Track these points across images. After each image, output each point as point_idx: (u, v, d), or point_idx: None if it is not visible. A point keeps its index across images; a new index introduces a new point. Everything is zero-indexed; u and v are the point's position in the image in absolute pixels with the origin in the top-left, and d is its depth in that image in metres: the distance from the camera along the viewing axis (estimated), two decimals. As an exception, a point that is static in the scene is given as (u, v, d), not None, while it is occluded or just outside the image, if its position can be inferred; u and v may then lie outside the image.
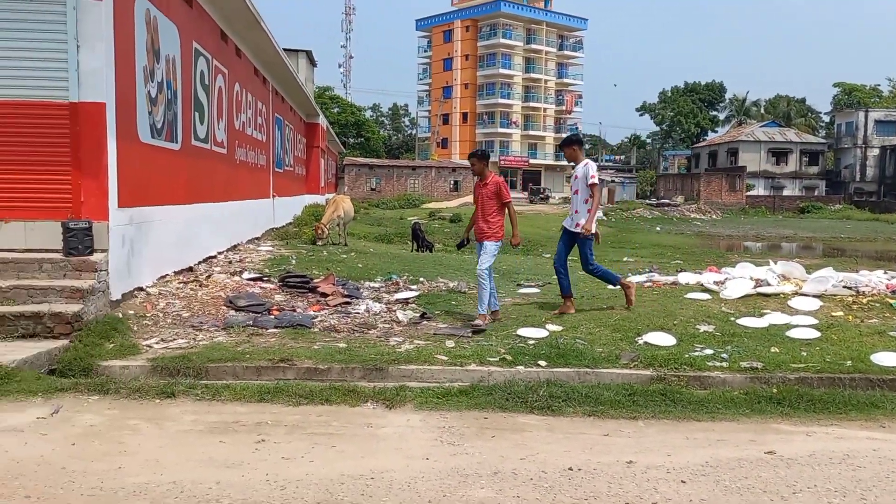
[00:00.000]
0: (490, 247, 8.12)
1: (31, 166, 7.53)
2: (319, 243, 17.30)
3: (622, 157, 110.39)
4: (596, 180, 8.38)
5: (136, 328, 7.45)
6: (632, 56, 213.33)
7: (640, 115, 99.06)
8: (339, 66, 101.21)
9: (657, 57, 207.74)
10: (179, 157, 10.64)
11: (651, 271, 12.76)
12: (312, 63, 38.54)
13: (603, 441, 4.90)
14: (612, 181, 72.57)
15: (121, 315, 7.61)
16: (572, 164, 8.61)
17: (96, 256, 7.48)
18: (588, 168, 8.39)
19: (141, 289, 8.75)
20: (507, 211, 8.23)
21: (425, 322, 8.17)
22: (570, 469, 4.34)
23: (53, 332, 6.69)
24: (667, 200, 66.65)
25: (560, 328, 7.76)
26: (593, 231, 8.32)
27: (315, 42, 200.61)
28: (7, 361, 5.77)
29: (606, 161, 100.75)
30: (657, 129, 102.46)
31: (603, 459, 4.53)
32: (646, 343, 7.20)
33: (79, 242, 7.38)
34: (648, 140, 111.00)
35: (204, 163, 12.28)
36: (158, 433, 4.78)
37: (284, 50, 19.13)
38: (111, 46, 7.65)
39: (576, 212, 8.51)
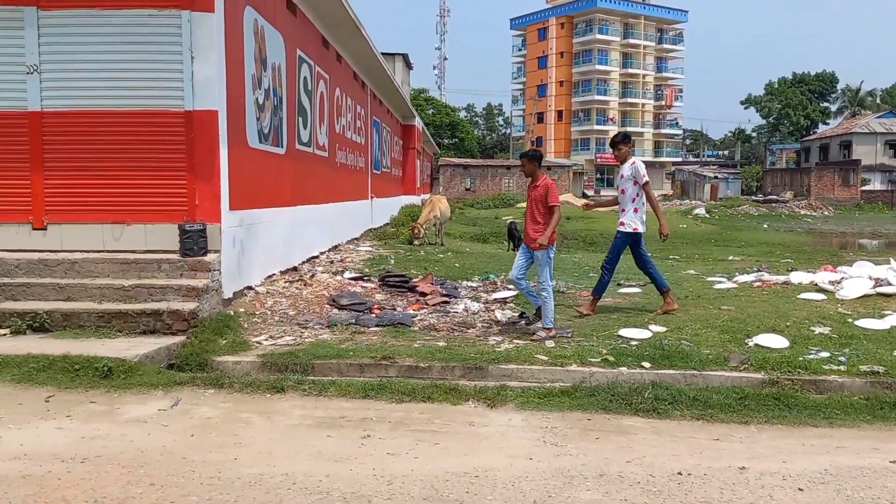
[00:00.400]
0: (541, 256, 7.62)
1: (151, 172, 7.98)
2: (416, 243, 17.53)
3: (725, 152, 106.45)
4: (647, 178, 8.40)
5: (246, 325, 7.76)
6: (735, 47, 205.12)
7: (745, 108, 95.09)
8: (434, 67, 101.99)
9: (763, 47, 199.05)
10: (285, 161, 11.03)
11: (760, 270, 12.24)
12: (409, 66, 39.09)
13: (713, 445, 4.74)
14: (715, 177, 69.95)
15: (232, 313, 7.95)
16: (621, 162, 8.55)
17: (210, 257, 7.85)
18: (636, 167, 8.35)
19: (250, 288, 9.12)
20: (551, 215, 7.63)
21: (523, 322, 8.14)
22: (680, 473, 4.22)
23: (171, 328, 7.07)
24: (774, 196, 63.69)
25: (664, 329, 7.56)
26: (665, 232, 8.57)
27: (410, 45, 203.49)
28: (131, 356, 6.14)
29: (709, 156, 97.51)
30: (763, 122, 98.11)
31: (714, 464, 4.38)
32: (756, 345, 6.92)
33: (194, 244, 7.77)
34: (754, 134, 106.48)
35: (307, 166, 12.68)
36: (270, 426, 4.96)
37: (382, 54, 19.49)
38: (222, 56, 8.02)
39: (622, 210, 8.40)
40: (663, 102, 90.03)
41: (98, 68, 7.88)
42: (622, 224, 8.40)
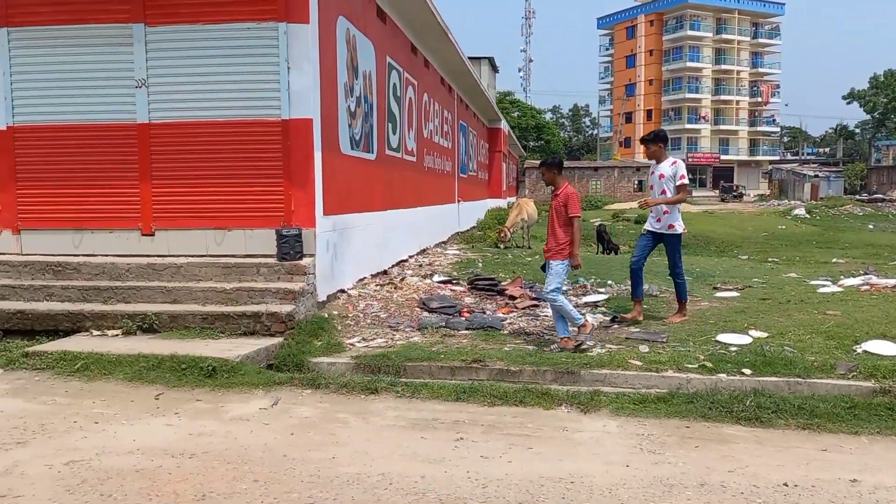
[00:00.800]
0: (555, 266, 7.22)
1: (250, 179, 8.29)
2: (502, 246, 17.51)
3: (826, 149, 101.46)
4: (686, 180, 8.02)
5: (339, 328, 7.95)
6: (837, 39, 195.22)
7: (848, 103, 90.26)
8: (519, 70, 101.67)
9: (867, 38, 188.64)
10: (375, 167, 11.24)
11: (867, 273, 11.60)
12: (494, 69, 39.15)
13: (821, 456, 4.52)
14: (816, 176, 66.76)
15: (326, 315, 8.15)
16: (654, 161, 8.19)
17: (305, 261, 8.08)
18: (678, 167, 7.97)
19: (343, 291, 9.33)
20: (572, 227, 7.22)
21: (616, 326, 8.00)
22: (786, 485, 4.05)
23: (270, 330, 7.31)
24: (880, 195, 60.24)
25: (765, 335, 7.27)
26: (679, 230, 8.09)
27: (496, 48, 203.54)
28: (233, 357, 6.39)
29: (808, 154, 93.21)
30: (868, 117, 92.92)
31: (822, 476, 4.18)
32: (865, 352, 6.57)
33: (290, 248, 8.01)
34: (857, 130, 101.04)
35: (396, 171, 12.88)
36: (365, 427, 5.06)
37: (468, 58, 19.59)
38: (317, 66, 8.25)
39: (666, 212, 8.00)
40: (759, 99, 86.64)
41: (200, 81, 8.25)
42: (672, 227, 8.03)
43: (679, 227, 8.09)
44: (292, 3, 7.98)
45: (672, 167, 8.01)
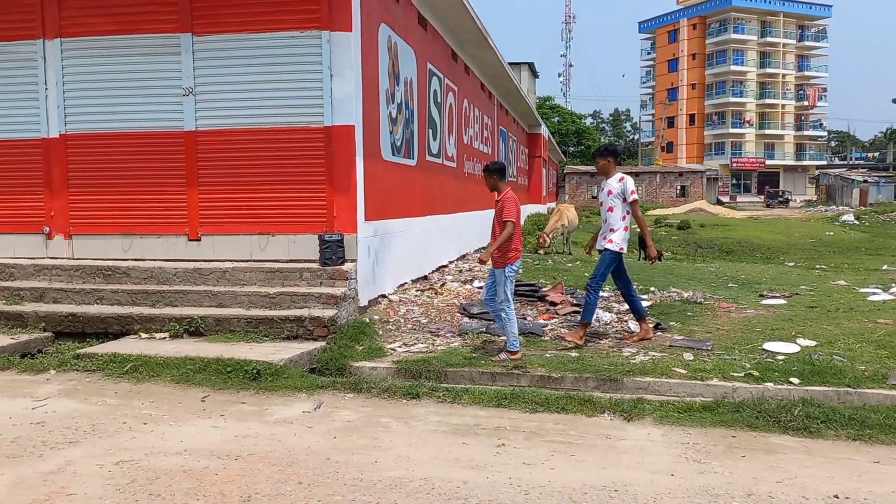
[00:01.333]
0: (500, 274, 6.98)
1: (293, 185, 8.40)
2: (541, 252, 17.42)
3: (876, 154, 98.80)
4: (636, 196, 7.51)
5: (380, 332, 8.00)
6: (887, 41, 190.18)
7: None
8: (559, 75, 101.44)
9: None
10: (415, 173, 11.30)
11: (921, 281, 11.26)
12: (534, 74, 39.04)
13: (873, 468, 4.40)
14: (865, 181, 65.07)
15: (367, 320, 8.21)
16: (603, 176, 7.71)
17: (347, 266, 8.16)
18: (626, 183, 7.48)
19: (384, 296, 9.39)
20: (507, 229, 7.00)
21: (659, 333, 7.90)
22: (836, 497, 3.95)
23: (313, 334, 7.40)
24: (934, 201, 58.43)
25: (813, 343, 7.11)
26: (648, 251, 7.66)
27: (535, 52, 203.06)
28: (277, 360, 6.48)
29: (857, 159, 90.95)
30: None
31: (874, 489, 4.07)
32: (920, 362, 6.38)
33: (332, 253, 8.10)
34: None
35: (436, 177, 12.92)
36: (407, 431, 5.08)
37: (508, 64, 19.58)
38: (359, 73, 8.33)
39: (612, 230, 7.48)
40: (805, 103, 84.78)
41: (245, 88, 8.40)
42: (611, 242, 7.44)
43: (615, 246, 7.45)
44: (336, 11, 8.08)
45: (620, 183, 7.51)
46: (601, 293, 10.48)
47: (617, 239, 7.47)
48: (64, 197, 8.89)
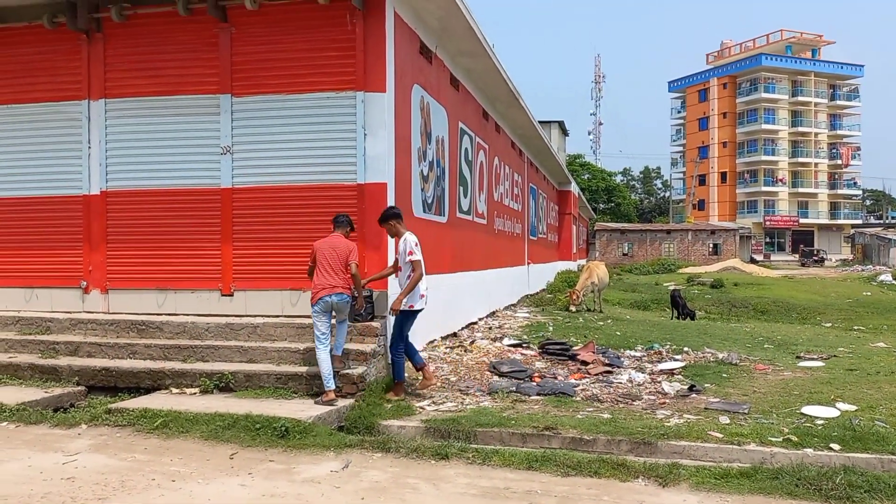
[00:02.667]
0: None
1: (325, 242, 8.48)
2: (573, 309, 17.29)
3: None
4: (415, 255, 7.59)
5: (409, 390, 7.93)
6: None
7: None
8: (589, 133, 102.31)
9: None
10: (446, 229, 11.36)
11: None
12: (564, 133, 39.41)
13: (923, 545, 4.20)
14: (902, 240, 63.83)
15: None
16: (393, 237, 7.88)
17: (376, 322, 8.16)
18: (405, 244, 7.61)
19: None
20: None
21: (694, 395, 7.72)
22: (885, 575, 3.77)
23: (342, 391, 7.36)
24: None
25: (853, 408, 6.90)
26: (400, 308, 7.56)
27: (565, 110, 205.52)
28: (305, 418, 6.45)
29: (893, 218, 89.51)
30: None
31: (926, 567, 3.87)
32: (968, 430, 6.13)
33: (363, 310, 8.10)
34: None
35: (467, 234, 12.98)
36: (436, 493, 4.99)
37: (538, 122, 19.82)
38: (392, 133, 8.49)
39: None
40: (839, 162, 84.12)
41: (281, 147, 8.60)
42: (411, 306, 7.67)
43: (405, 304, 7.60)
44: (370, 73, 8.29)
45: (402, 244, 7.67)
46: (634, 352, 10.36)
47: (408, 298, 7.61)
48: (102, 252, 9.08)
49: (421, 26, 9.68)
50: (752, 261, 64.00)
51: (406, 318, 7.73)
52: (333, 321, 7.55)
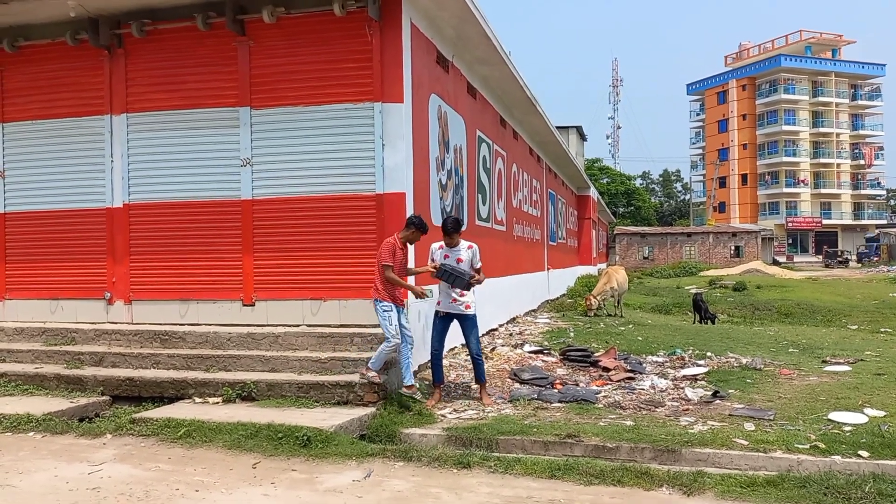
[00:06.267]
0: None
1: (345, 251, 8.55)
2: (591, 314, 17.22)
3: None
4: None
5: (429, 397, 7.92)
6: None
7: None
8: (607, 137, 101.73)
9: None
10: (464, 237, 11.32)
11: None
12: (583, 137, 39.31)
13: (955, 554, 4.12)
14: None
15: (418, 385, 8.16)
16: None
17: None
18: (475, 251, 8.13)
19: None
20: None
21: (718, 401, 7.65)
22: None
23: (363, 400, 7.38)
24: None
25: (882, 413, 6.80)
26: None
27: (583, 115, 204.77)
28: (327, 427, 6.47)
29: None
30: None
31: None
32: None
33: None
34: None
35: (486, 241, 12.95)
36: (458, 502, 4.98)
37: (556, 127, 19.79)
38: (410, 143, 8.52)
39: (462, 294, 7.92)
40: (862, 162, 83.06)
41: (300, 158, 8.67)
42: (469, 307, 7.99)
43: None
44: (388, 84, 8.32)
45: (468, 252, 8.09)
46: (656, 357, 10.28)
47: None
48: (126, 264, 9.19)
49: (437, 36, 9.72)
50: (775, 262, 63.30)
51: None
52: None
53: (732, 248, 62.27)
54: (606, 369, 9.23)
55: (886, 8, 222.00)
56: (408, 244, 7.88)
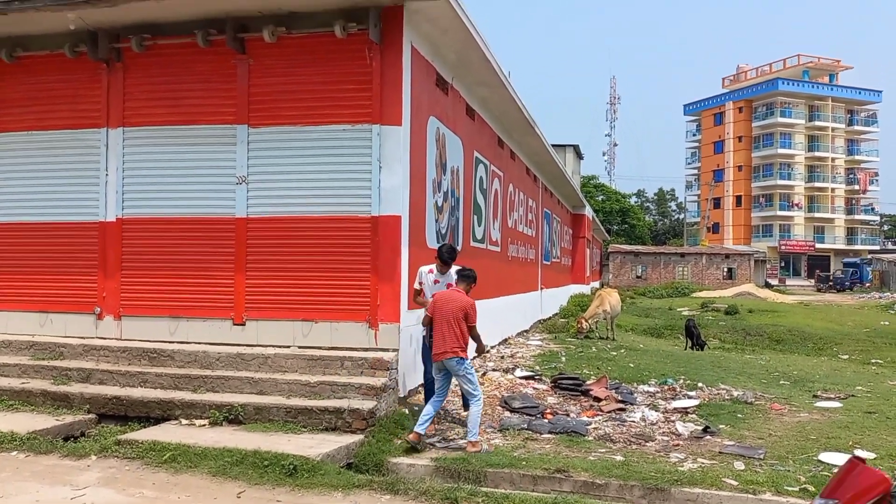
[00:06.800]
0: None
1: (338, 273, 8.49)
2: (581, 337, 17.21)
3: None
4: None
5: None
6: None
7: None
8: (604, 154, 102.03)
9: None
10: (459, 259, 11.29)
11: None
12: (579, 156, 39.40)
13: None
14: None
15: (407, 411, 8.10)
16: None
17: (389, 355, 8.12)
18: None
19: (424, 385, 9.27)
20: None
21: (709, 437, 7.61)
22: None
23: (351, 426, 7.30)
24: None
25: (873, 456, 6.76)
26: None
27: (580, 132, 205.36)
28: (314, 455, 6.39)
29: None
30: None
31: None
32: None
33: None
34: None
35: (480, 262, 12.89)
36: (444, 542, 4.92)
37: (553, 146, 19.81)
38: (407, 165, 8.49)
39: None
40: (856, 187, 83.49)
41: (296, 178, 8.63)
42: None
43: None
44: (387, 106, 8.31)
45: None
46: (648, 387, 10.24)
47: None
48: (117, 278, 9.12)
49: (438, 59, 9.72)
50: (767, 285, 63.42)
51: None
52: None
53: (725, 269, 62.41)
54: (598, 399, 9.18)
55: (884, 35, 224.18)
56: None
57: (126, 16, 8.67)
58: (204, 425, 7.43)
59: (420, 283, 8.07)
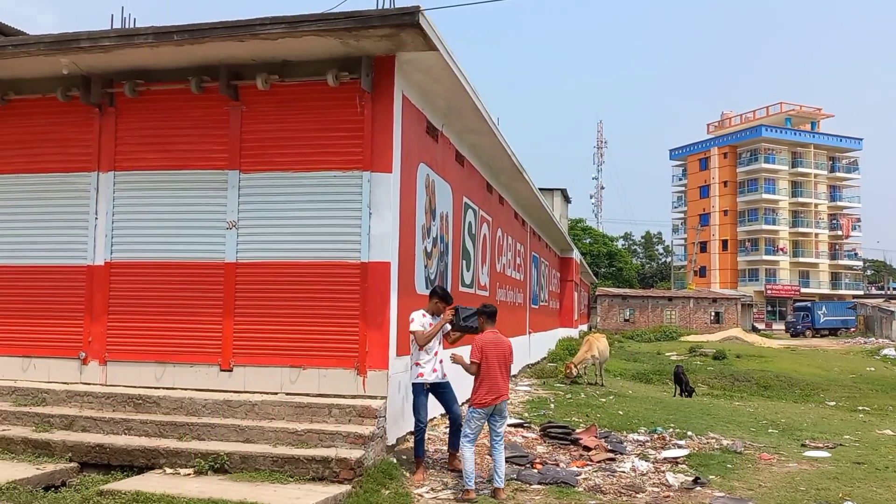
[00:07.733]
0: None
1: (327, 319, 8.45)
2: (568, 382, 17.16)
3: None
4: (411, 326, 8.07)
5: (407, 475, 7.77)
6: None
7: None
8: (591, 197, 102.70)
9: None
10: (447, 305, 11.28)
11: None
12: (567, 200, 39.77)
13: None
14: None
15: (394, 460, 8.00)
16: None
17: (377, 403, 8.04)
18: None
19: (412, 433, 9.17)
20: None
21: (699, 488, 7.55)
22: None
23: (339, 476, 7.19)
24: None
25: (863, 509, 6.73)
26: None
27: (567, 175, 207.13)
28: (301, 507, 6.28)
29: (895, 289, 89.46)
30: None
31: None
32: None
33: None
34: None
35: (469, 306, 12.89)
36: None
37: (540, 189, 19.96)
38: (397, 212, 8.53)
39: (441, 362, 8.21)
40: (839, 232, 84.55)
41: (286, 224, 8.63)
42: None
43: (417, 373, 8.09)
44: (377, 153, 8.37)
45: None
46: (638, 436, 10.18)
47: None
48: (103, 323, 9.03)
49: (428, 107, 9.84)
50: (754, 329, 63.66)
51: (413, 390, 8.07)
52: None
53: (713, 313, 62.61)
54: (587, 448, 9.12)
55: (864, 85, 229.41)
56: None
57: (120, 61, 8.75)
58: (189, 474, 7.30)
59: (422, 326, 8.06)
